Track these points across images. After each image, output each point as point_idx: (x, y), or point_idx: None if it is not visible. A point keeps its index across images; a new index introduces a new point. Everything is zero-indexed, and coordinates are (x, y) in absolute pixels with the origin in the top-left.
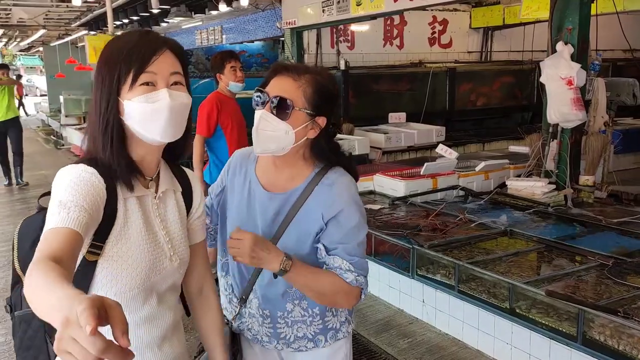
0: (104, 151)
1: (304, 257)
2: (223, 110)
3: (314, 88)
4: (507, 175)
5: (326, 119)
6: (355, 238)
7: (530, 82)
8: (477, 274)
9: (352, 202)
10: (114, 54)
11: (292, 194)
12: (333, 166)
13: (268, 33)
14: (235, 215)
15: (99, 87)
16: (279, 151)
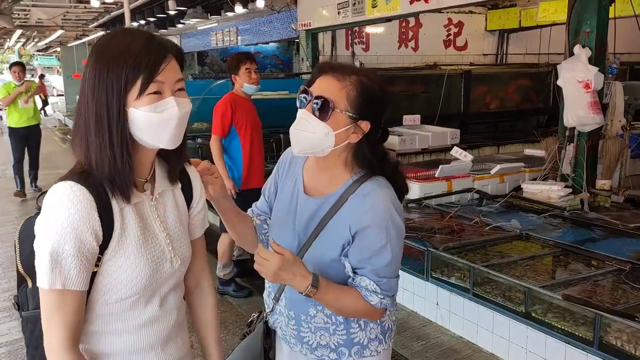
0: (108, 164)
1: (331, 266)
2: (237, 111)
3: (359, 90)
4: (522, 179)
5: (370, 123)
6: (382, 259)
7: (546, 85)
8: (493, 277)
9: (383, 219)
10: (118, 57)
11: (327, 200)
12: (374, 175)
13: (283, 34)
14: (277, 213)
15: (100, 91)
16: (317, 153)
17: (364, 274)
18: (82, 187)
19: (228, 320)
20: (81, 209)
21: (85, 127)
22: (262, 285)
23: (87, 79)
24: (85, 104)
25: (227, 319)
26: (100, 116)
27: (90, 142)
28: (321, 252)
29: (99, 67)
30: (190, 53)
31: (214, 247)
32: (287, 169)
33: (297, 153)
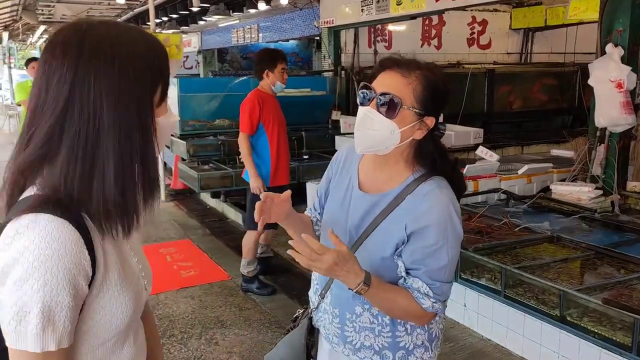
0: (118, 193)
1: (382, 265)
2: (265, 108)
3: (425, 86)
4: (550, 180)
5: (434, 119)
6: (438, 261)
7: (571, 85)
8: (526, 280)
9: (441, 221)
10: (139, 58)
11: (384, 197)
12: (435, 174)
13: (305, 32)
14: (330, 209)
15: (126, 100)
16: (380, 150)
17: (417, 275)
18: (64, 220)
19: (252, 318)
20: (72, 250)
21: (87, 149)
22: (285, 283)
23: (101, 85)
24: (92, 117)
25: (251, 316)
26: (128, 132)
27: (94, 168)
28: (373, 250)
29: (118, 70)
30: (211, 50)
31: (236, 244)
32: (341, 167)
33: (360, 151)
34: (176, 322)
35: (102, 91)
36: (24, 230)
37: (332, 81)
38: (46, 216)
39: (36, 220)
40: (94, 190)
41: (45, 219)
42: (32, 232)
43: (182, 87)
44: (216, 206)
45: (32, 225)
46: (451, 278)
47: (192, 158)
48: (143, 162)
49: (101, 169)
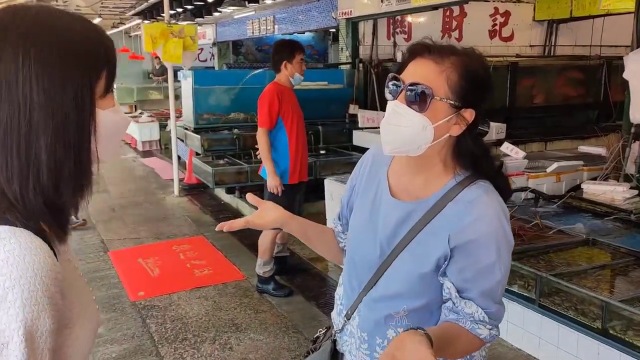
0: (61, 190)
1: (419, 283)
2: (283, 102)
3: (461, 73)
4: (579, 178)
5: (475, 112)
6: (490, 279)
7: (596, 78)
8: (564, 289)
9: (492, 232)
10: (81, 43)
11: (421, 205)
12: (479, 177)
13: (321, 23)
14: (357, 221)
15: (65, 88)
16: (413, 150)
17: (470, 298)
18: (28, 232)
19: (268, 321)
20: (47, 263)
21: (20, 142)
22: (302, 284)
23: (31, 71)
24: (24, 107)
25: (267, 320)
26: (65, 122)
27: (29, 161)
28: (409, 266)
29: (51, 54)
30: (225, 42)
31: (251, 242)
32: (367, 172)
33: (389, 152)
34: (189, 324)
35: (31, 77)
36: None
37: (350, 74)
38: (8, 229)
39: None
40: (30, 188)
41: (8, 233)
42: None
43: (196, 80)
44: (231, 202)
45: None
46: (502, 294)
47: (206, 152)
48: (76, 159)
49: (36, 164)
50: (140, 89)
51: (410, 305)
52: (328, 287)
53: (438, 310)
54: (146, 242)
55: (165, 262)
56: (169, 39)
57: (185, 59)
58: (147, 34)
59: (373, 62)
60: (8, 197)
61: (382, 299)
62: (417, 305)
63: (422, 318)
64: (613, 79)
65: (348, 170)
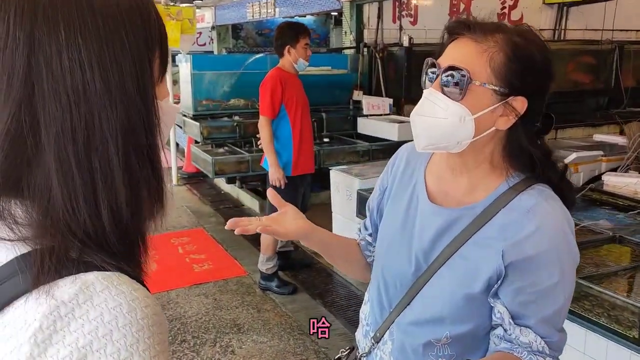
0: (143, 210)
1: (465, 306)
2: (287, 89)
3: (509, 54)
4: (598, 169)
5: (527, 101)
6: (552, 303)
7: (608, 64)
8: (594, 293)
9: (555, 247)
10: (128, 16)
11: (467, 213)
12: (537, 181)
13: (324, 6)
14: (387, 230)
15: (113, 71)
16: (451, 147)
17: (527, 325)
18: (124, 276)
19: (271, 321)
20: (158, 315)
21: (80, 154)
22: (307, 280)
23: (80, 50)
24: (77, 103)
25: (270, 319)
26: (132, 119)
27: (96, 178)
28: (452, 284)
29: (103, 31)
30: (225, 26)
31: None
32: (401, 172)
33: (422, 148)
34: (188, 325)
35: (82, 58)
36: (75, 307)
37: (354, 59)
38: (95, 276)
39: (86, 287)
40: (106, 217)
41: (99, 282)
42: (92, 307)
43: (195, 65)
44: (231, 191)
45: (83, 297)
46: (563, 320)
47: (205, 140)
48: (153, 167)
49: (106, 180)
50: None
51: (454, 331)
52: (334, 283)
53: (486, 337)
54: None
55: (163, 256)
56: (166, 21)
57: (183, 42)
58: None
59: (378, 47)
60: (76, 233)
61: (420, 323)
62: (461, 331)
63: (467, 346)
64: (625, 64)
65: (353, 160)
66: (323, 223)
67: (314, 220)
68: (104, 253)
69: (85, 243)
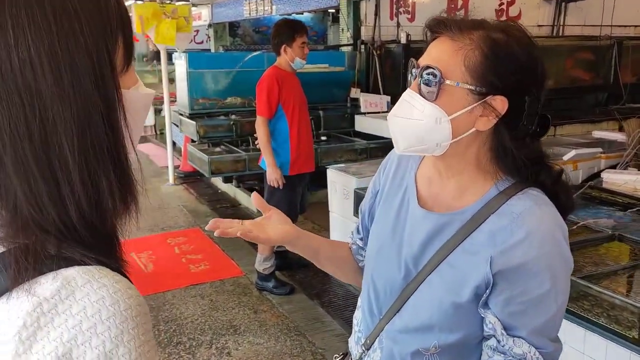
0: (107, 204)
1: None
2: (284, 88)
3: (485, 51)
4: (597, 166)
5: (508, 100)
6: (544, 312)
7: (606, 60)
8: (593, 293)
9: (546, 254)
10: (84, 2)
11: (456, 218)
12: (529, 185)
13: (322, 3)
14: (377, 235)
15: (79, 66)
16: (431, 149)
17: (520, 336)
18: (105, 269)
19: (268, 322)
20: (141, 305)
21: (38, 153)
22: (304, 280)
23: (29, 47)
24: (30, 102)
25: (267, 320)
26: (89, 113)
27: (57, 176)
28: (440, 292)
29: (53, 18)
30: (222, 24)
31: None
32: (392, 175)
33: (401, 151)
34: (184, 326)
35: (31, 56)
36: (58, 302)
37: (351, 56)
38: (76, 271)
39: (68, 282)
40: (73, 213)
41: (80, 276)
42: (75, 301)
43: (191, 63)
44: (228, 190)
45: (65, 292)
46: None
47: (202, 139)
48: (114, 161)
49: (66, 177)
50: None
51: (443, 340)
52: (331, 284)
53: (477, 347)
54: (140, 235)
55: (159, 256)
56: (161, 19)
57: (179, 41)
58: (138, 14)
59: (375, 44)
60: (49, 230)
61: (408, 330)
62: (451, 340)
63: (457, 356)
64: (624, 60)
65: (350, 158)
66: (320, 222)
67: (312, 218)
68: (82, 247)
69: (61, 239)
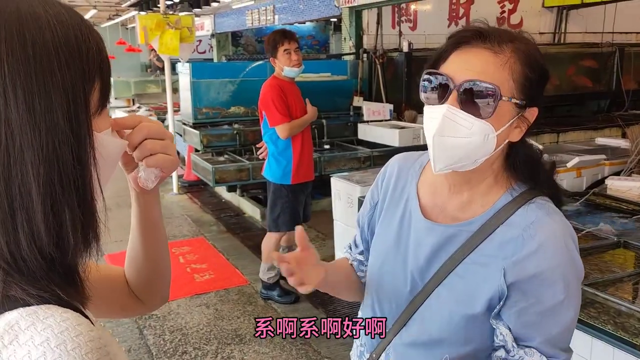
0: (68, 239)
1: (465, 327)
2: (286, 96)
3: (524, 64)
4: (601, 173)
5: (537, 110)
6: (558, 322)
7: (608, 66)
8: (600, 300)
9: (560, 265)
10: (62, 43)
11: (464, 229)
12: (537, 194)
13: (323, 12)
14: (380, 247)
15: (51, 108)
16: (469, 165)
17: (532, 345)
18: (53, 307)
19: None
20: (94, 341)
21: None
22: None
23: (5, 80)
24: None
25: None
26: (58, 147)
27: (13, 206)
28: (450, 304)
29: (32, 57)
30: (224, 33)
31: (254, 243)
32: (392, 186)
33: (439, 170)
34: (189, 336)
35: (5, 85)
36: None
37: (354, 65)
38: (20, 313)
39: (10, 327)
40: (24, 246)
41: (24, 319)
42: (19, 346)
43: (194, 73)
44: (232, 199)
45: (8, 338)
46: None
47: (205, 149)
48: (79, 197)
49: (24, 209)
50: (137, 83)
51: (453, 353)
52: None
53: (487, 359)
54: None
55: None
56: (165, 30)
57: (183, 51)
58: (142, 25)
59: (378, 52)
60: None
61: (417, 344)
62: (461, 353)
63: None
64: (626, 66)
65: (354, 166)
66: (324, 230)
67: (316, 227)
68: (26, 282)
69: (7, 272)
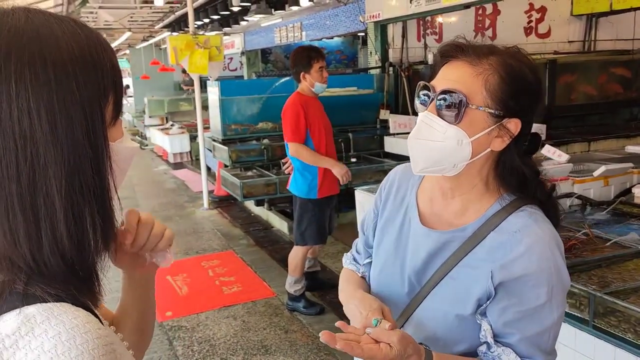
0: (88, 244)
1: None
2: (309, 112)
3: (503, 76)
4: (629, 181)
5: (521, 122)
6: (539, 323)
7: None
8: (620, 309)
9: (544, 268)
10: (80, 60)
11: (458, 235)
12: (527, 202)
13: (350, 28)
14: (381, 251)
15: (70, 121)
16: (447, 170)
17: (510, 344)
18: (66, 305)
19: (298, 342)
20: (101, 338)
21: (23, 193)
22: (334, 301)
23: (29, 98)
24: (23, 147)
25: (297, 340)
26: (79, 160)
27: (38, 216)
28: (444, 305)
29: (53, 76)
30: (254, 51)
31: (281, 256)
32: (393, 195)
33: (419, 172)
34: (217, 346)
35: (29, 107)
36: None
37: (380, 78)
38: (37, 308)
39: (28, 320)
40: (46, 251)
41: (40, 313)
42: (34, 337)
43: (223, 90)
44: (260, 213)
45: (25, 329)
46: (554, 346)
47: (234, 164)
48: (99, 205)
49: (49, 218)
50: (170, 101)
51: (448, 352)
52: None
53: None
54: (175, 258)
55: (194, 279)
56: (194, 50)
57: (212, 69)
58: (172, 46)
59: (403, 66)
60: (20, 265)
61: None
62: (455, 352)
63: None
64: None
65: (380, 179)
66: (350, 243)
67: (342, 240)
68: (46, 283)
69: (30, 273)
